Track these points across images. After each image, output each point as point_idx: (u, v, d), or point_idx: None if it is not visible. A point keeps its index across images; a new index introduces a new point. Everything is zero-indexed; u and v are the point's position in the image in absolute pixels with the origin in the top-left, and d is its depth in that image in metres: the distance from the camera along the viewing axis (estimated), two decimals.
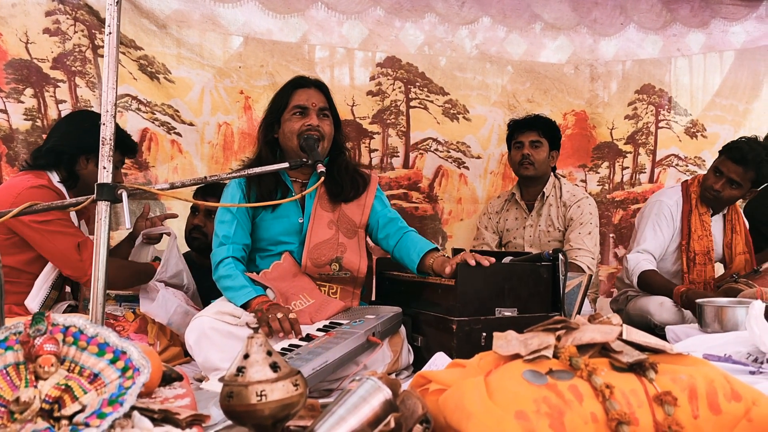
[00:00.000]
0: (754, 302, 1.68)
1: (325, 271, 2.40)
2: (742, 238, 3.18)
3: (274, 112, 2.46)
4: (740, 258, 3.15)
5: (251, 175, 2.16)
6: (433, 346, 2.17)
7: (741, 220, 3.22)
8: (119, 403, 1.01)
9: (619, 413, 1.12)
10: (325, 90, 2.50)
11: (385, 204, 2.58)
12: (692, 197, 3.12)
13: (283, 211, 2.44)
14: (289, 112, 2.42)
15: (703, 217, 3.09)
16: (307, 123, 2.37)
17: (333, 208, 2.47)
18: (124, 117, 3.18)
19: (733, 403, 1.21)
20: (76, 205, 1.76)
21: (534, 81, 3.89)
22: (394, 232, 2.49)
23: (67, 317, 1.15)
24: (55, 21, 3.06)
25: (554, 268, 2.33)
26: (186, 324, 2.42)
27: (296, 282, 2.38)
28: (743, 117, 4.24)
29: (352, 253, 2.43)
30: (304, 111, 2.40)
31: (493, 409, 1.10)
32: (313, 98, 2.43)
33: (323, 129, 2.39)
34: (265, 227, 2.44)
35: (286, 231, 2.43)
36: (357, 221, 2.49)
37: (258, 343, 1.10)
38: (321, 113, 2.42)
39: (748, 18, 4.16)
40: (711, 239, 3.08)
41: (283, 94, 2.47)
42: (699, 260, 3.07)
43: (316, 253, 2.39)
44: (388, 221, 2.51)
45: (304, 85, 2.47)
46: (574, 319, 1.39)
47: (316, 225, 2.42)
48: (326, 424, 1.12)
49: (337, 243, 2.42)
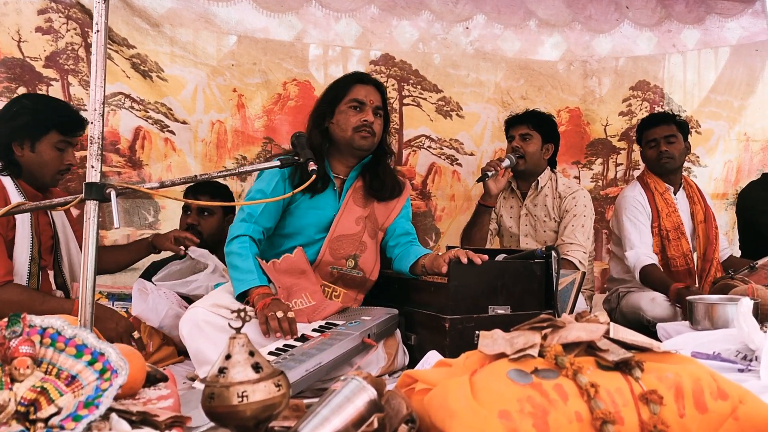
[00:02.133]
0: (743, 299, 1.68)
1: (339, 266, 2.41)
2: (702, 208, 3.33)
3: (330, 102, 2.47)
4: (701, 226, 3.29)
5: (243, 173, 2.15)
6: (426, 344, 2.17)
7: (697, 191, 3.39)
8: (95, 406, 1.01)
9: (603, 412, 1.12)
10: (383, 90, 2.54)
11: (409, 217, 2.62)
12: (650, 183, 3.29)
13: (320, 203, 2.44)
14: (346, 104, 2.44)
15: (664, 195, 3.26)
16: (363, 118, 2.40)
17: (365, 204, 2.49)
18: (117, 115, 3.17)
19: (720, 401, 1.20)
20: (64, 204, 1.75)
21: (528, 78, 3.89)
22: (404, 243, 2.52)
23: (44, 318, 1.15)
24: (47, 19, 3.05)
25: (547, 266, 2.33)
26: (177, 326, 2.41)
27: (302, 280, 2.36)
28: (738, 113, 4.24)
29: (370, 253, 2.46)
30: (361, 106, 2.43)
31: (477, 408, 1.09)
32: (371, 95, 2.45)
33: (375, 127, 2.43)
34: (299, 215, 2.44)
35: (316, 223, 2.43)
36: (381, 222, 2.52)
37: (240, 343, 1.10)
38: (376, 111, 2.45)
39: (743, 14, 4.15)
40: (678, 214, 3.24)
41: (341, 86, 2.49)
42: (672, 236, 3.21)
43: (336, 245, 2.41)
44: (404, 233, 2.55)
45: (364, 81, 2.50)
46: (567, 316, 1.38)
47: (345, 217, 2.44)
48: (310, 424, 1.12)
49: (360, 240, 2.44)
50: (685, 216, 3.27)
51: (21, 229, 2.35)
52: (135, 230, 3.26)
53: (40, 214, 2.47)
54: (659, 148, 3.24)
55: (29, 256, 2.36)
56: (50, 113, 2.44)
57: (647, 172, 3.35)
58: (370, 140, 2.43)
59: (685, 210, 3.30)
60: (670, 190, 3.29)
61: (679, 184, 3.34)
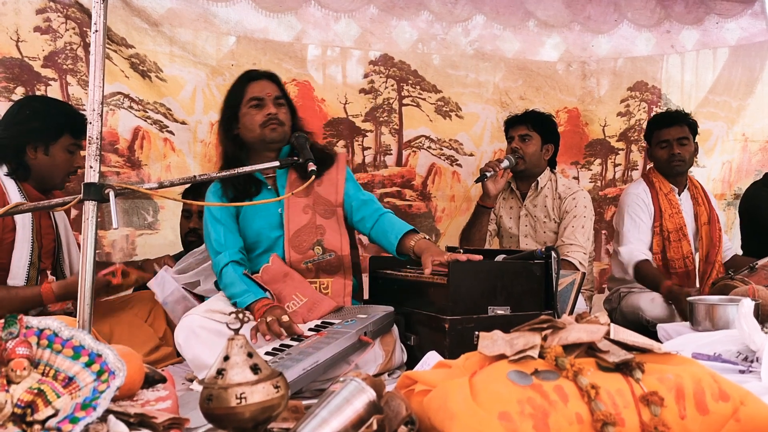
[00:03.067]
0: (744, 300, 1.67)
1: (310, 257, 2.40)
2: (706, 209, 3.31)
3: (231, 108, 2.47)
4: (705, 228, 3.27)
5: (238, 175, 2.15)
6: (426, 345, 2.16)
7: (702, 192, 3.36)
8: (92, 408, 1.00)
9: (604, 414, 1.11)
10: (276, 80, 2.53)
11: (357, 187, 2.58)
12: (655, 182, 3.26)
13: (262, 205, 2.44)
14: (246, 105, 2.44)
15: (669, 196, 3.23)
16: (267, 113, 2.40)
17: (307, 193, 2.46)
18: (116, 115, 3.17)
19: (721, 403, 1.20)
20: (63, 204, 1.75)
21: (527, 78, 3.89)
22: (370, 214, 2.48)
23: (41, 320, 1.14)
24: (46, 19, 3.04)
25: (547, 266, 2.31)
26: (181, 309, 2.44)
27: (287, 282, 2.37)
28: (737, 114, 4.24)
29: (332, 232, 2.44)
30: (260, 102, 2.43)
31: (477, 410, 1.09)
32: (267, 88, 2.45)
33: (281, 117, 2.43)
34: (248, 224, 2.45)
35: (268, 224, 2.44)
36: (333, 200, 2.49)
37: (238, 344, 1.09)
38: (276, 102, 2.45)
39: (743, 15, 4.15)
40: (681, 216, 3.21)
41: (236, 90, 2.49)
42: (673, 237, 3.19)
43: (296, 241, 2.40)
44: (362, 204, 2.51)
45: (256, 78, 2.49)
46: (567, 317, 1.38)
47: (292, 212, 2.43)
48: (308, 426, 1.11)
49: (315, 226, 2.43)
50: (688, 217, 3.26)
51: (21, 233, 2.35)
52: (134, 230, 3.25)
53: (43, 218, 2.47)
54: (671, 150, 3.20)
55: (29, 261, 2.36)
56: (62, 116, 2.47)
57: (653, 171, 3.33)
58: (279, 130, 2.42)
59: (688, 211, 3.28)
60: (674, 191, 3.27)
61: (685, 185, 3.33)
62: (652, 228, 3.21)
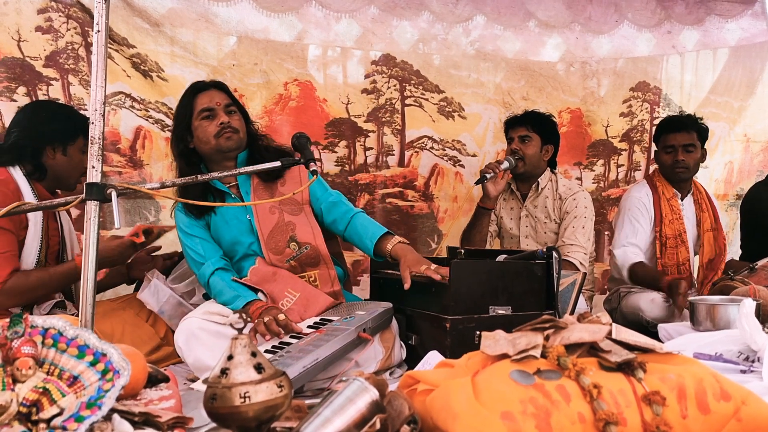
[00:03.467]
0: (745, 300, 1.68)
1: (288, 255, 2.42)
2: (710, 216, 3.29)
3: (182, 122, 2.46)
4: (708, 234, 3.26)
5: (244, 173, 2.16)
6: (427, 344, 2.17)
7: (706, 197, 3.35)
8: (97, 407, 1.00)
9: (606, 413, 1.12)
10: (224, 88, 2.53)
11: (324, 187, 2.58)
12: (658, 186, 3.25)
13: (230, 214, 2.46)
14: (197, 118, 2.43)
15: (671, 201, 3.22)
16: (219, 122, 2.40)
17: (271, 194, 2.48)
18: (118, 114, 3.17)
19: (723, 402, 1.20)
20: (65, 204, 1.75)
21: (529, 79, 3.89)
22: (341, 216, 2.49)
23: (46, 319, 1.14)
24: (47, 19, 3.04)
25: (548, 266, 2.32)
26: (178, 315, 2.44)
27: (278, 280, 2.39)
28: (738, 114, 4.25)
29: (302, 226, 2.45)
30: (212, 112, 2.43)
31: (479, 409, 1.09)
32: (215, 98, 2.45)
33: (234, 124, 2.43)
34: (221, 235, 2.47)
35: (240, 231, 2.45)
36: (298, 199, 2.50)
37: (242, 344, 1.10)
38: (227, 110, 2.45)
39: (743, 15, 4.15)
40: (682, 222, 3.20)
41: (185, 103, 2.48)
42: (670, 243, 3.18)
43: (272, 242, 2.42)
44: (332, 205, 2.52)
45: (203, 89, 2.49)
46: (569, 317, 1.38)
47: (261, 216, 2.44)
48: (312, 425, 1.11)
49: (285, 223, 2.45)
50: (689, 223, 3.25)
51: (32, 231, 2.38)
52: None
53: (50, 219, 2.50)
54: (676, 156, 3.18)
55: (36, 259, 2.39)
56: (78, 118, 2.53)
57: (658, 174, 3.32)
58: (235, 138, 2.42)
59: (690, 217, 3.27)
60: (677, 196, 3.26)
61: (689, 190, 3.31)
62: (652, 233, 3.20)
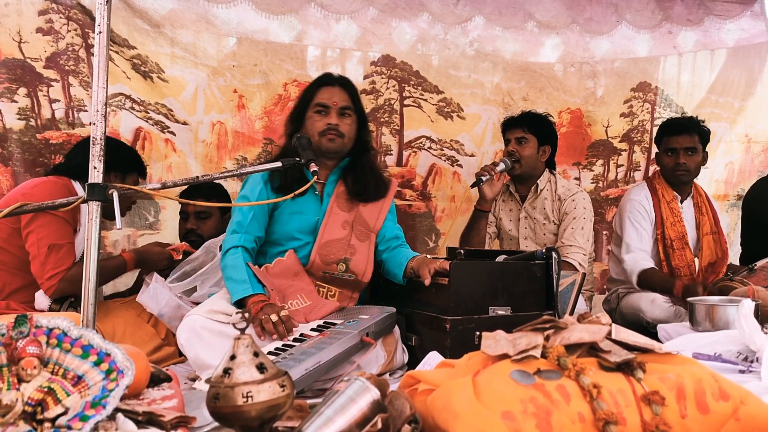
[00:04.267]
0: (744, 300, 1.68)
1: (331, 270, 2.42)
2: (710, 219, 3.29)
3: (299, 110, 2.48)
4: (708, 238, 3.26)
5: (243, 174, 2.16)
6: (428, 345, 2.17)
7: (706, 201, 3.35)
8: (102, 406, 1.01)
9: (606, 413, 1.13)
10: (349, 88, 2.51)
11: (395, 220, 2.61)
12: (658, 189, 3.25)
13: (302, 207, 2.44)
14: (312, 109, 2.44)
15: (671, 204, 3.23)
16: (327, 122, 2.40)
17: (350, 209, 2.48)
18: (118, 116, 3.17)
19: (721, 402, 1.21)
20: (67, 205, 1.76)
21: (529, 79, 3.89)
22: (394, 246, 2.53)
23: (51, 319, 1.15)
24: (48, 20, 3.05)
25: (547, 267, 2.33)
26: (178, 317, 2.44)
27: (296, 281, 2.38)
28: (738, 114, 4.25)
29: (360, 256, 2.45)
30: (325, 109, 2.43)
31: (480, 409, 1.10)
32: (335, 96, 2.44)
33: (342, 128, 2.42)
34: (283, 221, 2.45)
35: (301, 228, 2.44)
36: (372, 225, 2.50)
37: (245, 344, 1.10)
38: (342, 112, 2.44)
39: (742, 16, 4.15)
40: (683, 224, 3.21)
41: (308, 91, 2.50)
42: (677, 245, 3.18)
43: (325, 250, 2.41)
44: (393, 237, 2.55)
45: (328, 83, 2.49)
46: (569, 317, 1.39)
47: (331, 223, 2.43)
48: (314, 424, 1.12)
49: (348, 244, 2.44)
50: (689, 225, 3.24)
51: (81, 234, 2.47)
52: (135, 230, 3.27)
53: None
54: (678, 159, 3.18)
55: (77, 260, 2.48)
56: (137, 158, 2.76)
57: (658, 177, 3.31)
58: (337, 142, 2.42)
59: (690, 219, 3.26)
60: (677, 199, 3.26)
61: (689, 193, 3.31)
62: (653, 235, 3.21)
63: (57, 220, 2.38)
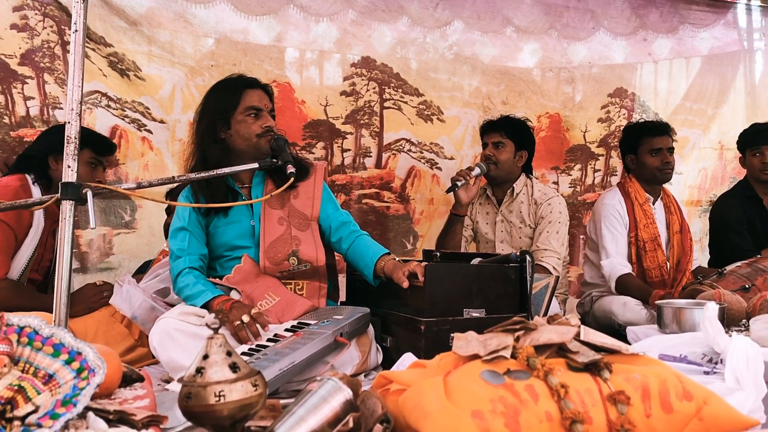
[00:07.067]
0: (709, 303, 1.72)
1: (285, 267, 2.41)
2: (678, 218, 3.37)
3: (222, 113, 2.42)
4: (677, 236, 3.33)
5: (217, 177, 2.16)
6: (402, 346, 2.19)
7: (674, 200, 3.43)
8: (73, 404, 1.01)
9: (573, 412, 1.15)
10: (271, 93, 2.54)
11: (336, 206, 2.59)
12: (630, 192, 3.31)
13: (234, 216, 2.44)
14: (243, 113, 2.41)
15: (644, 206, 3.28)
16: (265, 125, 2.40)
17: (282, 205, 2.46)
18: (94, 114, 3.15)
19: (685, 402, 1.24)
20: (41, 203, 1.75)
21: (508, 83, 3.93)
22: (347, 235, 2.51)
23: (22, 317, 1.15)
24: (23, 16, 3.02)
25: (521, 270, 2.35)
26: (151, 319, 2.41)
27: (260, 282, 2.37)
28: (711, 121, 4.34)
29: (307, 244, 2.44)
30: (258, 112, 2.42)
31: (450, 408, 1.11)
32: (263, 99, 2.45)
33: (275, 129, 2.43)
34: (220, 234, 2.44)
35: (239, 235, 2.43)
36: (308, 214, 2.49)
37: (218, 343, 1.11)
38: (271, 114, 2.47)
39: (715, 24, 4.25)
40: (656, 226, 3.27)
41: (230, 95, 2.44)
42: (648, 247, 3.24)
43: (272, 252, 2.40)
44: (341, 225, 2.53)
45: (253, 86, 2.48)
46: (539, 319, 1.41)
47: (267, 224, 2.43)
48: (286, 424, 1.13)
49: (291, 237, 2.43)
50: (661, 226, 3.31)
51: (31, 236, 2.48)
52: (111, 230, 3.24)
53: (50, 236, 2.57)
54: (664, 158, 3.25)
55: (24, 266, 2.48)
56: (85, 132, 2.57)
57: (629, 180, 3.35)
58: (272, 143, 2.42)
59: (661, 220, 3.33)
60: (650, 201, 3.32)
61: (659, 195, 3.38)
62: (627, 238, 3.26)
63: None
